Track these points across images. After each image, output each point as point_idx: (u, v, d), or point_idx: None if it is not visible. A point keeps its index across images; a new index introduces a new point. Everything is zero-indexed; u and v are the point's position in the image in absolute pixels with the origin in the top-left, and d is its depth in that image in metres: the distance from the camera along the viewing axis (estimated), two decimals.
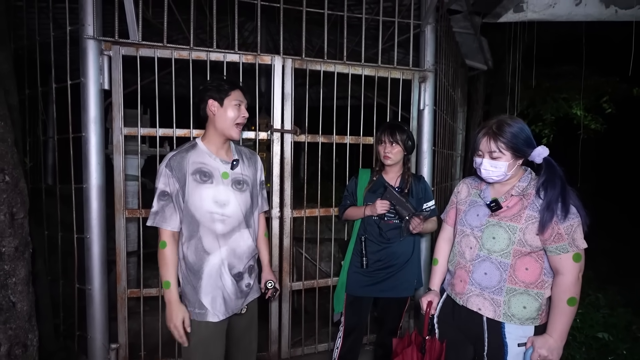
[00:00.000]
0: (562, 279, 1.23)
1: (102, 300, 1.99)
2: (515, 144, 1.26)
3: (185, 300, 1.42)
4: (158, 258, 1.40)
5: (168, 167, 1.39)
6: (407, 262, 1.90)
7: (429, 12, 2.33)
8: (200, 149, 1.46)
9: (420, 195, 1.92)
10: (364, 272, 1.90)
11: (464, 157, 4.43)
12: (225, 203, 1.44)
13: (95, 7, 1.85)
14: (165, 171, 1.39)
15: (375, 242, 1.90)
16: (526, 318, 1.27)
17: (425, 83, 2.41)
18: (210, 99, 1.44)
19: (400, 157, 1.88)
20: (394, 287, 1.89)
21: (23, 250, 1.45)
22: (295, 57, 2.19)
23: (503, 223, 1.30)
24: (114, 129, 1.99)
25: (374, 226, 1.90)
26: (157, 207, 1.38)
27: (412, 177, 1.94)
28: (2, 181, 1.35)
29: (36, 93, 2.21)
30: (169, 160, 1.40)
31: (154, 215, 1.39)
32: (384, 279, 1.89)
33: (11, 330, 1.36)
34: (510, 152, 1.27)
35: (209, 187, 1.42)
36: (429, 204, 1.94)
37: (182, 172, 1.39)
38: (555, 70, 5.07)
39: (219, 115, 1.44)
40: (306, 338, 2.46)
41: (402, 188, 1.89)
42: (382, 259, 1.89)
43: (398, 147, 1.84)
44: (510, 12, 2.17)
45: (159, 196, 1.39)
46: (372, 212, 1.84)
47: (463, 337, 1.43)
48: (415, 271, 1.95)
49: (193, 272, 1.42)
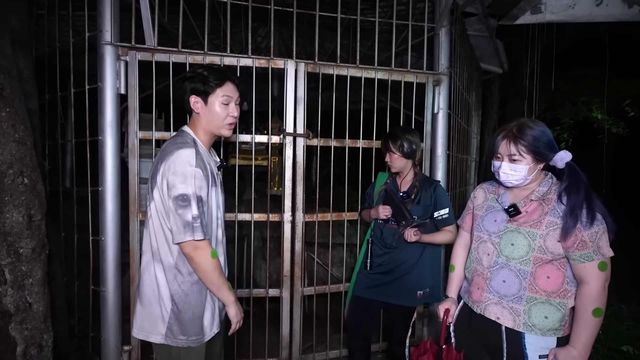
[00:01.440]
0: (587, 288, 1.18)
1: (115, 302, 2.01)
2: (536, 148, 1.22)
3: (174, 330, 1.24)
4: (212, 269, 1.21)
5: (199, 167, 1.19)
6: (411, 270, 1.85)
7: (443, 15, 2.31)
8: (200, 147, 1.30)
9: (429, 203, 1.85)
10: (367, 274, 1.92)
11: (478, 161, 4.35)
12: (220, 206, 1.36)
13: (112, 14, 1.90)
14: (198, 172, 1.19)
15: (379, 245, 1.92)
16: (548, 329, 1.22)
17: (440, 86, 2.38)
18: (192, 94, 1.26)
19: (402, 164, 1.88)
20: (395, 294, 1.87)
21: (40, 251, 1.47)
22: (307, 61, 2.19)
23: (522, 229, 1.26)
24: (129, 132, 2.02)
25: (378, 230, 1.93)
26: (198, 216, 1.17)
27: (423, 183, 1.89)
28: (21, 183, 1.37)
29: (56, 98, 2.27)
30: (196, 160, 1.20)
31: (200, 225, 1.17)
32: (385, 283, 1.88)
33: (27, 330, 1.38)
34: (531, 156, 1.23)
35: (214, 190, 1.30)
36: (441, 212, 1.84)
37: (207, 174, 1.24)
38: (574, 73, 4.95)
39: (203, 113, 1.28)
40: (317, 344, 2.43)
41: (408, 194, 1.87)
42: (384, 263, 1.89)
43: (395, 155, 1.86)
44: (527, 13, 2.13)
45: (199, 203, 1.18)
46: (375, 215, 1.88)
47: (481, 347, 1.38)
48: (422, 282, 1.87)
49: (199, 286, 1.26)
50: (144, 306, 1.27)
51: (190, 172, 1.17)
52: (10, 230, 1.34)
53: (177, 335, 1.24)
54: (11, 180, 1.34)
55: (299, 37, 3.68)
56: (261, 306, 2.29)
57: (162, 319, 1.24)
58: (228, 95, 1.27)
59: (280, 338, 2.28)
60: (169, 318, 1.24)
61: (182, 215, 1.16)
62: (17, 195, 1.37)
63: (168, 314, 1.24)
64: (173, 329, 1.24)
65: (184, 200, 1.16)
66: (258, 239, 3.18)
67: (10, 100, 1.36)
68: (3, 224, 1.34)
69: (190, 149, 1.21)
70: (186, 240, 1.17)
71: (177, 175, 1.17)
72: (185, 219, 1.16)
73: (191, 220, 1.16)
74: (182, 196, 1.16)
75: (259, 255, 3.18)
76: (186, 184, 1.17)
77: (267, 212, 2.22)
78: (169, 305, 1.24)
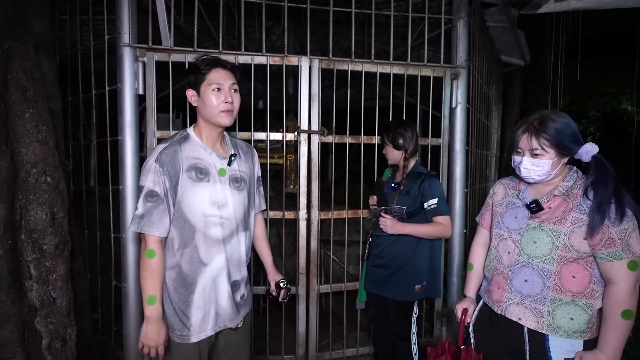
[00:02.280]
0: (615, 289, 1.11)
1: (136, 297, 2.06)
2: (560, 141, 1.16)
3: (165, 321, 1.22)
4: (142, 269, 1.18)
5: (158, 162, 1.18)
6: (407, 263, 1.84)
7: (461, 6, 2.24)
8: (194, 141, 1.26)
9: (416, 193, 1.81)
10: (369, 266, 1.94)
11: (499, 157, 4.22)
12: (223, 204, 1.26)
13: (130, 17, 1.94)
14: (155, 167, 1.17)
15: (374, 235, 1.94)
16: (574, 331, 1.16)
17: (458, 80, 2.31)
18: (188, 88, 1.25)
19: (394, 156, 1.90)
20: (390, 288, 1.86)
21: (63, 248, 1.52)
22: (322, 57, 2.17)
23: (545, 226, 1.20)
24: (147, 132, 2.06)
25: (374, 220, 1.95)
26: (143, 209, 1.17)
27: (413, 175, 1.86)
28: (44, 182, 1.42)
29: (78, 99, 2.34)
30: (159, 154, 1.19)
31: (139, 219, 1.17)
32: (384, 277, 1.88)
33: (51, 324, 1.43)
34: (555, 150, 1.17)
35: (205, 186, 1.23)
36: (430, 202, 1.79)
37: (175, 169, 1.19)
38: (602, 64, 4.71)
39: (200, 105, 1.25)
40: (334, 342, 2.42)
41: (398, 185, 1.89)
42: (380, 254, 1.89)
43: (388, 147, 1.91)
44: (550, 1, 2.02)
45: (146, 197, 1.17)
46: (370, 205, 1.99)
47: (502, 348, 1.33)
48: (419, 276, 1.85)
49: (185, 285, 1.23)
50: None
51: (147, 167, 1.19)
52: (35, 227, 1.40)
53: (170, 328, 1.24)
54: (35, 179, 1.39)
55: (314, 34, 3.67)
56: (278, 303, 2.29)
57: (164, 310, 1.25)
58: (218, 81, 1.23)
59: (297, 335, 2.28)
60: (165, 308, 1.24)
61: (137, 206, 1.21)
62: (41, 193, 1.42)
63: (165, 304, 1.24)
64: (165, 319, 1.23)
65: (140, 192, 1.20)
66: (275, 237, 3.19)
67: (33, 102, 1.41)
68: (28, 222, 1.39)
69: (163, 145, 1.23)
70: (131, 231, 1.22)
71: (142, 168, 1.23)
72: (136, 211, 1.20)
73: (137, 211, 1.19)
74: (140, 187, 1.21)
75: (275, 253, 3.19)
76: (142, 177, 1.20)
77: (282, 209, 2.22)
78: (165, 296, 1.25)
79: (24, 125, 1.39)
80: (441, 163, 2.35)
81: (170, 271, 1.23)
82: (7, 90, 1.39)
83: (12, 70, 1.40)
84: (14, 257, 1.42)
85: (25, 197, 1.39)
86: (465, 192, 2.40)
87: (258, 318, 1.54)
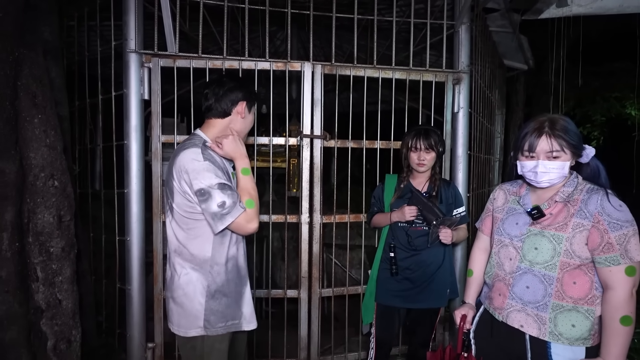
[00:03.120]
0: (613, 294, 1.11)
1: (140, 300, 2.08)
2: (575, 141, 1.17)
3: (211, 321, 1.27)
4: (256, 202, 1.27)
5: (207, 160, 1.22)
6: (437, 270, 1.82)
7: (463, 12, 2.25)
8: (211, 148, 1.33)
9: (450, 201, 1.84)
10: (395, 281, 1.84)
11: (502, 161, 4.21)
12: None
13: (137, 23, 1.97)
14: (208, 165, 1.21)
15: (404, 249, 1.83)
16: (576, 338, 1.16)
17: (460, 85, 2.32)
18: (245, 100, 1.34)
19: (433, 163, 1.82)
20: (425, 298, 1.82)
21: (69, 250, 1.55)
22: (324, 63, 2.20)
23: (547, 232, 1.20)
24: (152, 136, 2.09)
25: (402, 233, 1.84)
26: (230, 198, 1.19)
27: (441, 182, 1.86)
28: (51, 186, 1.45)
29: (85, 104, 2.38)
30: (202, 154, 1.23)
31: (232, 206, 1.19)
32: (415, 289, 1.81)
33: (57, 326, 1.45)
34: (571, 151, 1.18)
35: None
36: (459, 210, 1.85)
37: (221, 166, 1.26)
38: (606, 68, 4.70)
39: (244, 119, 1.36)
40: (336, 346, 2.42)
41: (429, 193, 1.82)
42: (411, 267, 1.82)
43: (433, 153, 1.78)
44: (552, 7, 2.04)
45: (222, 188, 1.19)
46: (399, 218, 1.79)
47: (503, 355, 1.32)
48: (448, 280, 1.86)
49: (240, 276, 1.33)
50: (177, 304, 1.29)
51: (201, 167, 1.20)
52: (42, 230, 1.42)
53: (215, 325, 1.27)
54: (42, 183, 1.42)
55: (318, 39, 3.70)
56: (280, 307, 2.30)
57: (197, 315, 1.27)
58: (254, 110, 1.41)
59: (299, 339, 2.28)
60: (204, 311, 1.26)
61: (206, 209, 1.20)
62: (48, 197, 1.45)
63: (203, 307, 1.26)
64: (210, 319, 1.27)
65: (202, 195, 1.20)
66: (278, 240, 3.20)
67: (42, 108, 1.44)
68: (35, 224, 1.42)
69: (196, 148, 1.25)
70: (219, 230, 1.21)
71: (190, 172, 1.21)
72: (211, 211, 1.20)
73: (217, 210, 1.19)
74: (200, 191, 1.20)
75: (278, 257, 3.21)
76: (199, 179, 1.20)
77: (285, 213, 2.23)
78: (202, 300, 1.26)
79: (32, 130, 1.42)
80: (443, 168, 2.36)
81: (229, 263, 1.29)
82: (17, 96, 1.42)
83: (22, 76, 1.43)
84: (21, 259, 1.45)
85: (33, 201, 1.41)
86: (467, 197, 2.40)
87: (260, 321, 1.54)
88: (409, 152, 1.83)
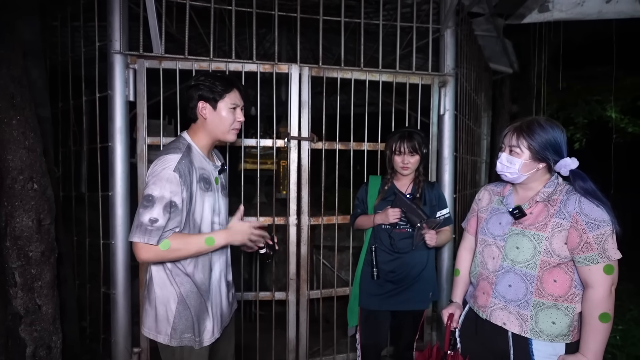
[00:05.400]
0: (592, 292, 1.14)
1: (125, 304, 2.05)
2: (537, 146, 1.20)
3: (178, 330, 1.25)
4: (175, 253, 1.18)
5: (177, 172, 1.17)
6: (421, 273, 1.82)
7: (448, 16, 2.29)
8: (196, 151, 1.30)
9: (434, 203, 1.84)
10: (377, 284, 1.82)
11: (489, 163, 4.28)
12: (219, 211, 1.36)
13: (121, 24, 1.95)
14: (175, 177, 1.16)
15: (387, 251, 1.82)
16: (556, 334, 1.18)
17: (446, 88, 2.36)
18: (201, 100, 1.28)
19: (417, 165, 1.81)
20: (408, 300, 1.81)
21: (49, 255, 1.51)
22: (312, 65, 2.20)
23: (527, 232, 1.23)
24: (138, 138, 2.06)
25: (385, 235, 1.82)
26: (164, 220, 1.15)
27: (425, 184, 1.86)
28: (30, 189, 1.42)
29: (68, 106, 2.34)
30: (177, 164, 1.19)
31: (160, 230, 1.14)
32: (399, 292, 1.81)
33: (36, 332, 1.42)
34: (530, 153, 1.21)
35: (210, 196, 1.30)
36: (443, 211, 1.86)
37: (191, 179, 1.22)
38: (588, 72, 4.83)
39: (211, 119, 1.29)
40: (324, 348, 2.42)
41: (413, 195, 1.82)
42: (395, 270, 1.81)
43: (417, 156, 1.77)
44: (534, 12, 2.09)
45: (166, 207, 1.15)
46: (382, 220, 1.77)
47: (487, 353, 1.34)
48: (431, 282, 1.86)
49: (200, 292, 1.28)
50: (151, 306, 1.29)
51: (166, 176, 1.16)
52: (20, 234, 1.39)
53: (182, 334, 1.25)
54: (21, 186, 1.39)
55: (307, 42, 3.71)
56: (270, 310, 2.29)
57: (167, 319, 1.26)
58: (235, 101, 1.31)
59: (287, 341, 2.27)
60: (173, 317, 1.25)
61: (140, 215, 1.16)
62: (27, 200, 1.41)
63: (173, 313, 1.25)
64: (177, 328, 1.25)
65: (148, 201, 1.15)
66: None
67: (20, 109, 1.41)
68: (13, 228, 1.38)
69: (176, 155, 1.21)
70: (134, 241, 1.16)
71: (153, 176, 1.18)
72: (140, 219, 1.15)
73: (147, 222, 1.14)
74: (147, 196, 1.16)
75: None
76: (156, 186, 1.16)
77: (273, 215, 2.23)
78: (173, 305, 1.25)
79: (10, 132, 1.39)
80: (430, 169, 2.38)
81: (185, 285, 1.25)
82: None
83: None
84: None
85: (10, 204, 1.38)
86: (454, 198, 2.43)
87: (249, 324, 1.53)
88: (392, 155, 1.81)
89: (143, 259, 1.17)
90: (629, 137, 4.84)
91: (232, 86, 1.31)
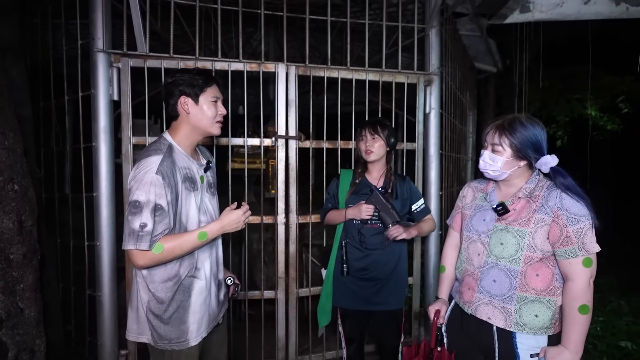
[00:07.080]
0: (572, 285, 1.18)
1: (111, 306, 2.02)
2: (518, 144, 1.23)
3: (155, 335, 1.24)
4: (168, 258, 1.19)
5: (160, 174, 1.16)
6: (394, 269, 1.79)
7: (432, 16, 2.32)
8: (178, 151, 1.28)
9: (406, 196, 1.82)
10: (350, 282, 1.78)
11: (474, 160, 4.36)
12: (206, 210, 1.34)
13: (104, 22, 1.91)
14: (158, 179, 1.15)
15: (358, 248, 1.77)
16: (539, 327, 1.22)
17: (431, 86, 2.39)
18: (182, 95, 1.27)
19: (382, 153, 1.77)
20: (385, 300, 1.77)
21: (31, 257, 1.48)
22: (298, 64, 2.20)
23: (511, 228, 1.26)
24: (123, 138, 2.03)
25: (355, 231, 1.77)
26: (152, 224, 1.14)
27: (396, 177, 1.84)
28: (11, 190, 1.39)
29: (50, 105, 2.29)
30: (159, 166, 1.17)
31: (149, 235, 1.13)
32: (375, 292, 1.76)
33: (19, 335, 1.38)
34: (511, 151, 1.24)
35: (196, 195, 1.29)
36: (418, 203, 1.82)
37: (175, 180, 1.21)
38: (568, 71, 4.95)
39: (194, 113, 1.28)
40: (314, 345, 2.43)
41: (385, 188, 1.78)
42: (367, 267, 1.76)
43: (380, 141, 1.74)
44: (516, 12, 2.13)
45: (154, 211, 1.14)
46: (354, 215, 1.73)
47: (473, 348, 1.37)
48: (406, 278, 1.84)
49: (183, 291, 1.26)
50: (132, 309, 1.29)
51: (149, 179, 1.15)
52: (1, 236, 1.36)
53: (161, 339, 1.25)
54: (1, 187, 1.35)
55: (295, 40, 3.70)
56: (259, 308, 2.29)
57: (147, 322, 1.25)
58: (216, 94, 1.31)
59: (276, 339, 2.27)
60: (152, 321, 1.25)
61: (129, 222, 1.15)
62: (8, 201, 1.38)
63: (152, 317, 1.25)
64: (154, 332, 1.25)
65: (135, 207, 1.14)
66: (257, 242, 3.18)
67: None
68: None
69: (157, 156, 1.20)
70: (128, 249, 1.15)
71: (136, 181, 1.17)
72: (131, 227, 1.14)
73: (137, 228, 1.14)
74: (134, 202, 1.15)
75: (258, 258, 3.18)
76: (141, 191, 1.15)
77: (261, 214, 2.22)
78: (149, 310, 1.25)
79: None
80: (416, 167, 2.42)
81: (167, 282, 1.23)
82: None
83: None
84: None
85: None
86: (440, 195, 2.47)
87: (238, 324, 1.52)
88: (359, 143, 1.81)
89: (140, 265, 1.17)
90: (608, 135, 4.99)
91: (212, 80, 1.32)
